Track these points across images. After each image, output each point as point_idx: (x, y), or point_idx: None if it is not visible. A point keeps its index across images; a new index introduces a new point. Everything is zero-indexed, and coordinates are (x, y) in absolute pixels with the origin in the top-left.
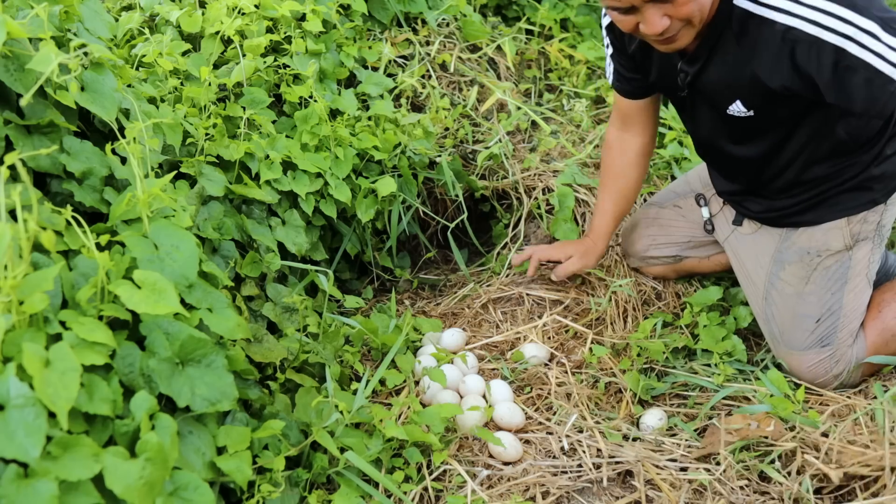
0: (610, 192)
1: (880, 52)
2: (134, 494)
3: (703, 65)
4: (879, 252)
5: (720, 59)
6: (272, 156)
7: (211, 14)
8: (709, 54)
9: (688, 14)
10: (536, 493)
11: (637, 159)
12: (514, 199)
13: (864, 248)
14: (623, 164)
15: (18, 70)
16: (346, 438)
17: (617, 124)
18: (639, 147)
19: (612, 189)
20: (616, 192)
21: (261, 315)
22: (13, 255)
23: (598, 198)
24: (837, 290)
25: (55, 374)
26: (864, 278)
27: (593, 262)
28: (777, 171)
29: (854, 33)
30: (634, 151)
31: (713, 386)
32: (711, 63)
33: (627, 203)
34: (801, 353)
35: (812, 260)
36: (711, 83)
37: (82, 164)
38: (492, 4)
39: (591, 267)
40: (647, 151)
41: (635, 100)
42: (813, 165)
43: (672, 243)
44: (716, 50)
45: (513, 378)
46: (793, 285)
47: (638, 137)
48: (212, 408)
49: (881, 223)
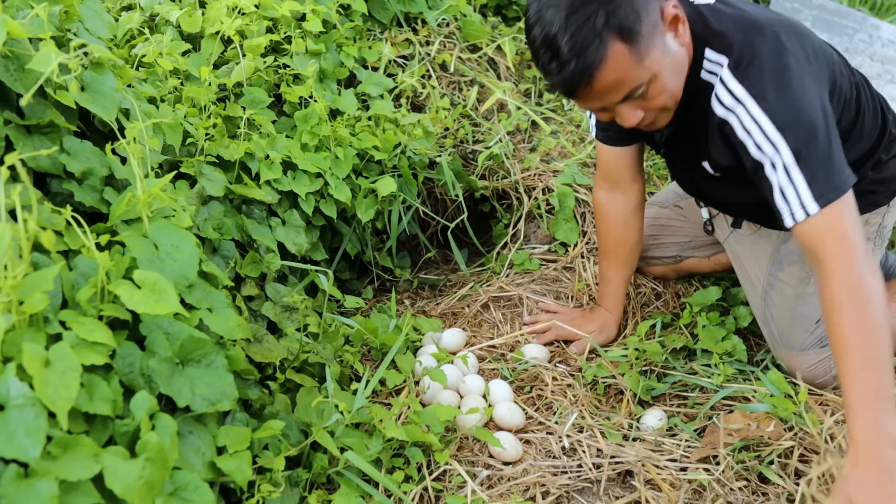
0: (613, 260)
1: (782, 183)
2: (134, 494)
3: (674, 129)
4: (880, 253)
5: (688, 127)
6: (272, 156)
7: (211, 14)
8: (677, 122)
9: (660, 105)
10: (536, 493)
11: (631, 217)
12: (514, 199)
13: None
14: (619, 229)
15: (18, 70)
16: (346, 438)
17: (604, 185)
18: (631, 205)
19: (614, 256)
20: (619, 259)
21: (261, 315)
22: (13, 255)
23: (602, 266)
24: None
25: (55, 374)
26: None
27: (614, 332)
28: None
29: (772, 155)
30: (627, 211)
31: (713, 386)
32: (680, 129)
33: (633, 263)
34: (800, 354)
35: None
36: (683, 145)
37: (82, 164)
38: (492, 4)
39: (613, 339)
40: (639, 205)
41: (621, 146)
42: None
43: (673, 243)
44: (682, 120)
45: (513, 378)
46: (792, 286)
47: (627, 194)
48: (212, 408)
49: (883, 224)
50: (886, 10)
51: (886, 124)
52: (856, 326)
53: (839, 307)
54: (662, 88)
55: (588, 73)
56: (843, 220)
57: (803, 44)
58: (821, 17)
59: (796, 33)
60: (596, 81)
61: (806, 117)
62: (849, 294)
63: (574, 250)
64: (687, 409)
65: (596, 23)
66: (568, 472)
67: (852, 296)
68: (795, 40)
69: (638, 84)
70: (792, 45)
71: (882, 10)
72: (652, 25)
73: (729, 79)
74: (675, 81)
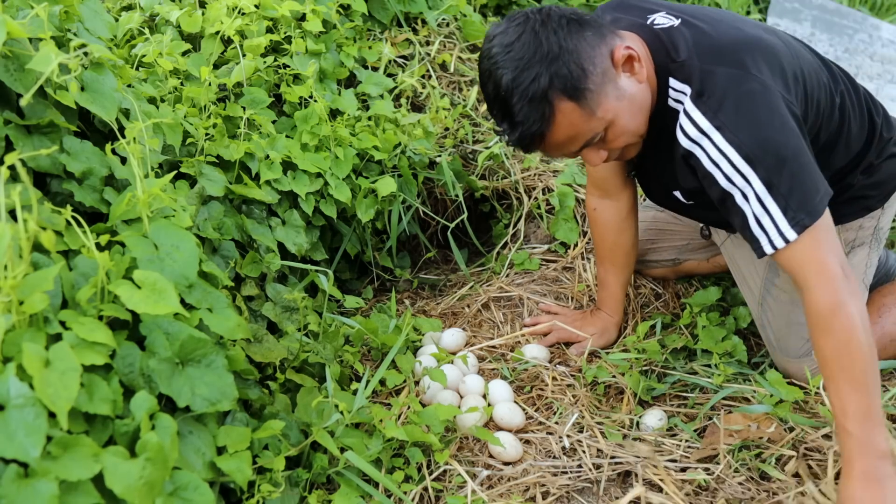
0: (610, 266)
1: (756, 213)
2: (134, 494)
3: (644, 155)
4: (876, 255)
5: (659, 153)
6: (272, 156)
7: (211, 14)
8: (648, 147)
9: (622, 144)
10: (536, 493)
11: (625, 222)
12: (514, 199)
13: (861, 252)
14: (613, 234)
15: (18, 70)
16: (346, 438)
17: (595, 192)
18: (623, 210)
19: (610, 262)
20: (616, 264)
21: (261, 315)
22: (13, 255)
23: (600, 271)
24: None
25: (55, 374)
26: (859, 284)
27: (615, 335)
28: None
29: (743, 187)
30: (620, 216)
31: (713, 387)
32: (651, 154)
33: (630, 266)
34: (797, 361)
35: None
36: (654, 170)
37: (82, 164)
38: (492, 4)
39: (613, 341)
40: (631, 209)
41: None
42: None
43: (670, 246)
44: (654, 145)
45: (513, 378)
46: (787, 292)
47: (619, 200)
48: (212, 408)
49: (878, 227)
50: (886, 10)
51: (875, 129)
52: (840, 352)
53: (823, 334)
54: (622, 131)
55: (539, 134)
56: (821, 246)
57: (770, 63)
58: (821, 17)
59: (762, 52)
60: (548, 140)
61: (773, 145)
62: (831, 322)
63: (574, 250)
64: (687, 409)
65: (541, 84)
66: (568, 472)
67: (835, 324)
68: (760, 61)
69: (593, 135)
70: (757, 67)
71: (882, 10)
72: (601, 75)
73: (692, 110)
74: (636, 121)
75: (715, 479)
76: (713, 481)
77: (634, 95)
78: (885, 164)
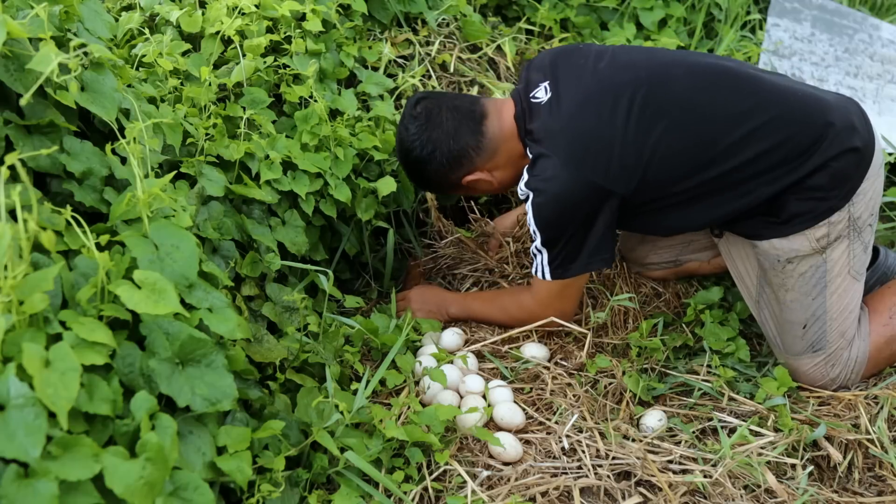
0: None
1: (542, 262)
2: (134, 494)
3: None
4: (860, 243)
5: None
6: (272, 156)
7: (211, 14)
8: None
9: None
10: (536, 494)
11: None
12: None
13: (840, 247)
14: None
15: (18, 70)
16: (347, 438)
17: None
18: None
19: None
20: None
21: (261, 315)
22: (13, 255)
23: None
24: (818, 294)
25: (55, 374)
26: (845, 277)
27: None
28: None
29: (533, 231)
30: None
31: (713, 389)
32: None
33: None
34: (796, 358)
35: (785, 267)
36: None
37: (82, 164)
38: (492, 4)
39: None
40: None
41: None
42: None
43: (670, 247)
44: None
45: (513, 378)
46: (774, 291)
47: None
48: (212, 408)
49: (852, 218)
50: (886, 10)
51: (821, 136)
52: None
53: (509, 303)
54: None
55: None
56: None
57: (597, 155)
58: (821, 17)
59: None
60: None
61: (557, 223)
62: (517, 309)
63: None
64: (687, 409)
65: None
66: (568, 473)
67: (515, 310)
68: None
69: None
70: (574, 161)
71: (882, 10)
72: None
73: (524, 177)
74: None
75: (714, 480)
76: (712, 483)
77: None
78: (830, 165)
